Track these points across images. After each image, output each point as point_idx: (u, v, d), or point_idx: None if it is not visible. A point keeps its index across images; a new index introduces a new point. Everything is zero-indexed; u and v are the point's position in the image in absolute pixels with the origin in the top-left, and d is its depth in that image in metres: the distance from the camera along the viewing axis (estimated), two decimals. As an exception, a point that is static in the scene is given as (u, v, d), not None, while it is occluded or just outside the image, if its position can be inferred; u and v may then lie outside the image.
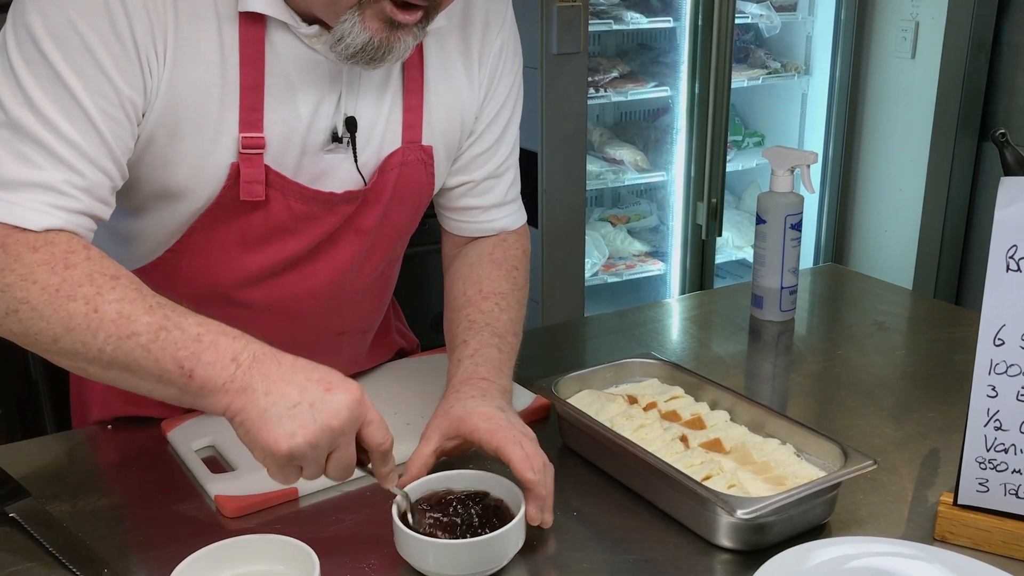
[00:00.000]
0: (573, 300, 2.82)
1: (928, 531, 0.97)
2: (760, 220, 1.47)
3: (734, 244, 3.37)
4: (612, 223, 3.32)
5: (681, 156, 3.10)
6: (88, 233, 0.93)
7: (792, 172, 1.46)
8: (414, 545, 0.89)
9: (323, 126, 1.04)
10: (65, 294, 0.86)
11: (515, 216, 1.25)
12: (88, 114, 0.90)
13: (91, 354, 0.86)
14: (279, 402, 0.84)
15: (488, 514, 0.92)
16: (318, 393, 0.85)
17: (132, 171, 0.98)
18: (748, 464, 1.01)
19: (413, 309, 1.52)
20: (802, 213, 1.46)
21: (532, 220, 1.88)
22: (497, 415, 0.98)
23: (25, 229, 0.88)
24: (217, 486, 1.03)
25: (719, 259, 3.23)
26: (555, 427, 1.14)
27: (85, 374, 0.90)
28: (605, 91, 2.96)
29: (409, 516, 0.91)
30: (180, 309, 0.88)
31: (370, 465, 0.91)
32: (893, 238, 3.25)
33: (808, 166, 1.45)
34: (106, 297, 0.86)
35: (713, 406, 1.12)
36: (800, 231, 1.46)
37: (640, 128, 3.27)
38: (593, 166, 3.02)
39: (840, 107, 3.25)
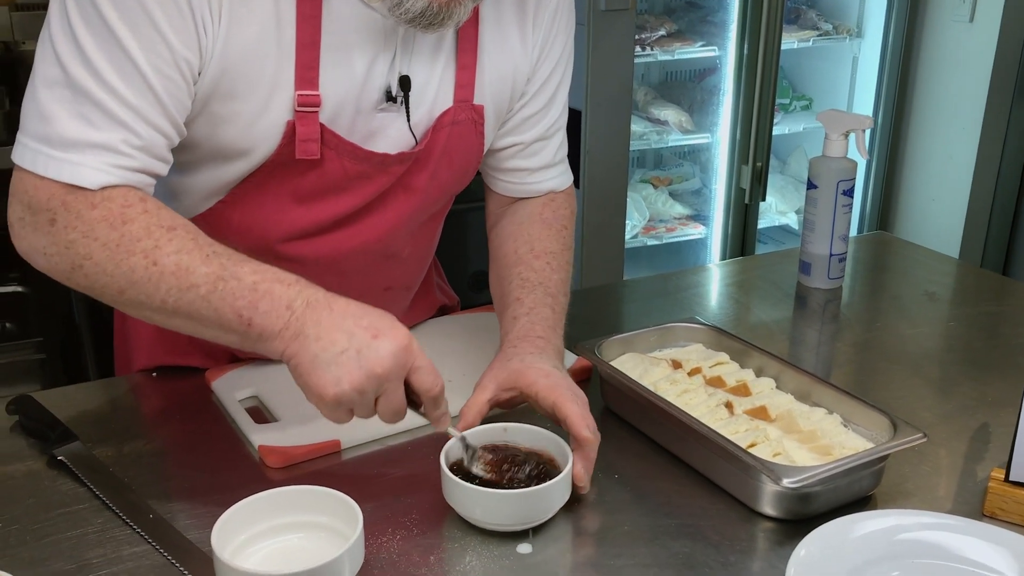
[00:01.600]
0: (613, 262, 2.80)
1: (977, 507, 0.95)
2: (811, 185, 1.44)
3: (777, 209, 3.32)
4: (654, 185, 3.28)
5: (727, 118, 3.05)
6: (148, 189, 0.95)
7: (846, 136, 1.42)
8: (462, 494, 0.90)
9: (377, 85, 1.03)
10: (125, 249, 0.89)
11: (562, 178, 1.24)
12: (144, 74, 0.91)
13: (155, 304, 0.90)
14: (328, 348, 0.87)
15: (535, 467, 0.93)
16: (365, 340, 0.87)
17: (188, 129, 0.99)
18: (794, 432, 0.99)
19: (452, 267, 1.51)
20: (855, 179, 1.42)
21: (574, 181, 1.85)
22: (555, 373, 1.00)
23: (83, 188, 0.90)
24: (261, 436, 1.03)
25: (761, 224, 3.18)
26: (597, 389, 1.14)
27: (152, 322, 0.93)
28: (651, 49, 2.91)
29: (465, 459, 0.92)
30: (236, 256, 0.91)
31: (423, 408, 0.92)
32: (941, 206, 3.18)
33: (864, 131, 1.41)
34: (164, 250, 0.89)
35: (759, 373, 1.10)
36: (852, 197, 1.43)
37: (686, 88, 3.21)
38: (637, 126, 2.98)
39: (892, 71, 3.17)
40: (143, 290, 0.89)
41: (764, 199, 3.07)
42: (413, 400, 0.91)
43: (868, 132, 3.23)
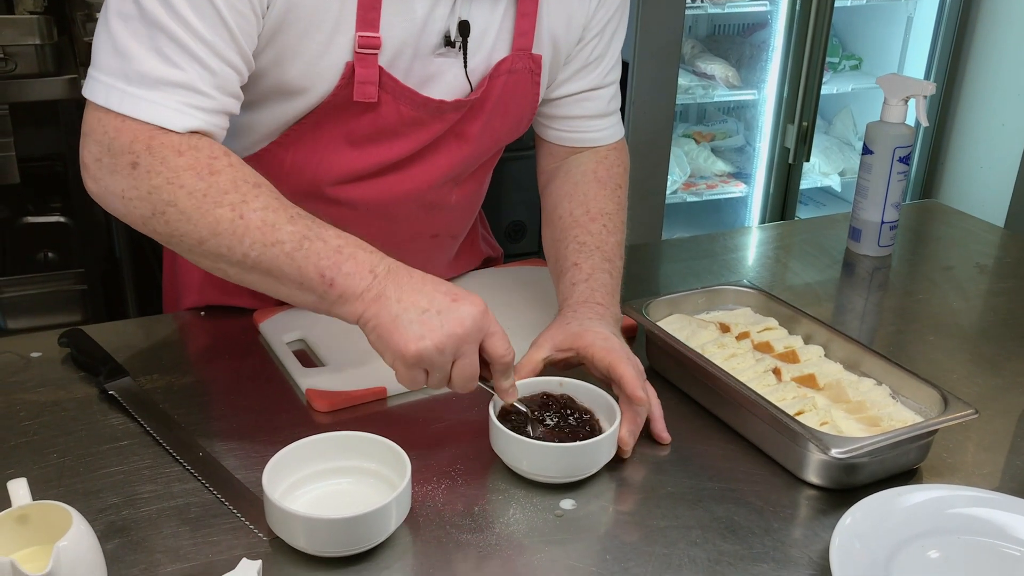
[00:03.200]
0: (652, 218, 2.78)
1: (1024, 485, 0.95)
2: (867, 150, 1.41)
3: (820, 170, 3.27)
4: (696, 140, 3.24)
5: (774, 75, 2.99)
6: (222, 132, 0.95)
7: (906, 102, 1.39)
8: (509, 444, 0.91)
9: (436, 29, 1.02)
10: (212, 200, 0.88)
11: (615, 128, 1.23)
12: (217, 8, 0.90)
13: (235, 258, 0.89)
14: (410, 309, 0.87)
15: (582, 423, 0.95)
16: (445, 303, 0.88)
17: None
18: (842, 402, 0.99)
19: (489, 217, 1.51)
20: (912, 146, 1.40)
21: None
22: (612, 338, 1.00)
23: (168, 130, 0.89)
24: (308, 380, 1.04)
25: (803, 185, 3.14)
26: (642, 349, 1.13)
27: (223, 275, 0.92)
28: (701, 1, 2.85)
29: (530, 428, 0.93)
30: (318, 220, 0.91)
31: (492, 382, 0.93)
32: (989, 175, 3.12)
33: (924, 97, 1.38)
34: (251, 205, 0.89)
35: (807, 340, 1.10)
36: (908, 164, 1.40)
37: (734, 43, 3.15)
38: (682, 80, 2.92)
39: (947, 34, 3.09)
40: (225, 242, 0.88)
41: (808, 159, 3.02)
42: (481, 374, 0.92)
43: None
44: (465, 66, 1.05)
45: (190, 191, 0.88)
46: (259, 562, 0.77)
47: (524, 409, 0.94)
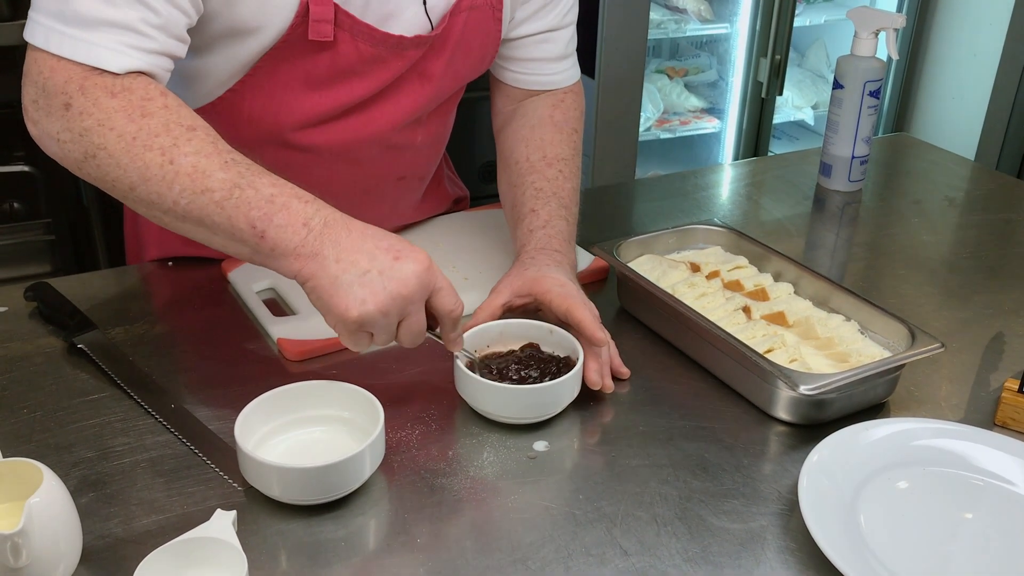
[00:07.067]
0: (625, 155, 2.76)
1: (989, 416, 0.96)
2: (837, 85, 1.40)
3: (794, 104, 3.25)
4: (669, 76, 3.21)
5: (747, 8, 2.95)
6: (165, 74, 0.91)
7: (876, 35, 1.38)
8: (474, 388, 0.92)
9: None
10: (142, 143, 0.84)
11: (572, 71, 1.23)
12: None
13: (166, 205, 0.85)
14: (349, 269, 0.83)
15: (545, 363, 0.96)
16: (387, 261, 0.84)
17: (204, 4, 0.95)
18: (811, 339, 1.00)
19: (462, 158, 1.49)
20: (883, 80, 1.39)
21: (589, 70, 1.77)
22: (569, 284, 1.01)
23: (103, 71, 0.86)
24: (279, 329, 1.04)
25: (776, 119, 3.13)
26: (613, 291, 1.14)
27: (161, 223, 0.89)
28: (672, -66, 2.80)
29: (476, 373, 0.94)
30: (255, 167, 0.87)
31: (438, 330, 0.92)
32: (960, 106, 3.12)
33: (895, 30, 1.37)
34: (182, 149, 0.85)
35: (777, 278, 1.10)
36: (878, 98, 1.40)
37: (706, -25, 3.10)
38: (654, 14, 2.89)
39: (919, -37, 3.06)
40: (155, 189, 0.84)
41: (781, 93, 3.00)
42: (428, 323, 0.91)
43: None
44: (424, 2, 1.03)
45: (120, 134, 0.84)
46: (234, 512, 0.77)
47: (475, 356, 0.95)
